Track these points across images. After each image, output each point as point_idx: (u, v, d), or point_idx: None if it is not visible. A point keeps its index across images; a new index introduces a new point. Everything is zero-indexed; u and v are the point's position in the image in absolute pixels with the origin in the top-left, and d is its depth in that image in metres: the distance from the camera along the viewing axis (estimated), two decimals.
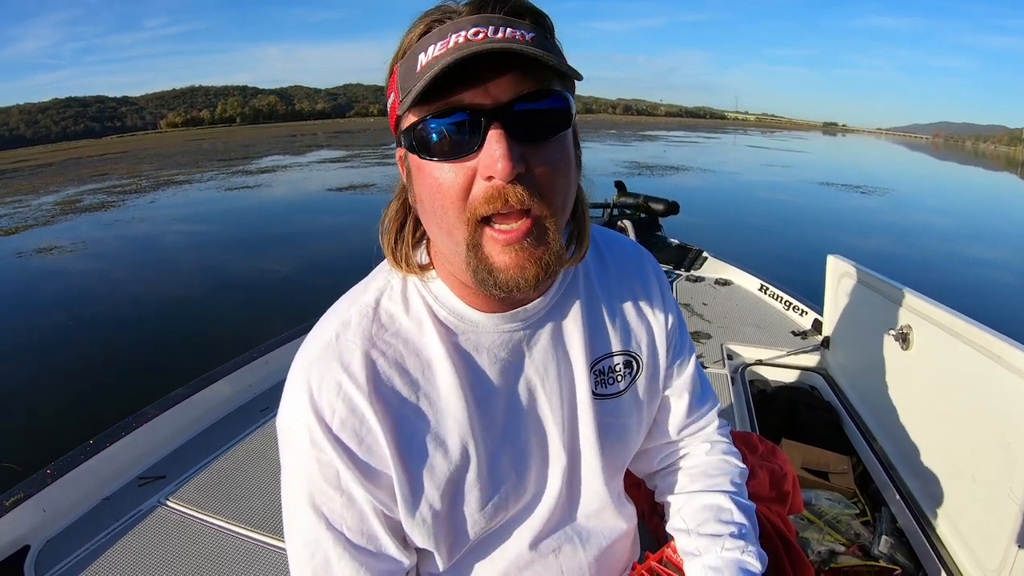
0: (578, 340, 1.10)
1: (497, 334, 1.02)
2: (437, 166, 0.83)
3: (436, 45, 0.79)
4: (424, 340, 1.00)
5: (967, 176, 54.27)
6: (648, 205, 5.95)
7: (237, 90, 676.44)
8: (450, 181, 0.83)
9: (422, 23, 0.84)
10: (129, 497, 2.50)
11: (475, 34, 0.78)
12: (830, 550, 2.48)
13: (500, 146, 0.78)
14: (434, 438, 0.99)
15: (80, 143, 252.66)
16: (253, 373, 3.29)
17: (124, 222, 18.05)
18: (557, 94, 0.84)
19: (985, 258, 14.61)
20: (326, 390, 0.93)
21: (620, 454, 1.20)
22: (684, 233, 6.20)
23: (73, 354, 7.65)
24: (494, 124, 0.79)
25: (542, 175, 0.83)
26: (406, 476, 0.97)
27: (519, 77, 0.80)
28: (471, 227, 0.84)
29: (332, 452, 0.93)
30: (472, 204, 0.82)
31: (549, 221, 0.85)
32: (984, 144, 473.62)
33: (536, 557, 1.14)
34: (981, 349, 2.17)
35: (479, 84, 0.79)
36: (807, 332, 4.17)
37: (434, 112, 0.80)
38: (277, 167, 35.61)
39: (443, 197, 0.84)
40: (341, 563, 0.97)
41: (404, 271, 1.01)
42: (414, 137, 0.83)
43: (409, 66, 0.83)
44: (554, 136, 0.85)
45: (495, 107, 0.79)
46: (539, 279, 0.86)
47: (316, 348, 0.98)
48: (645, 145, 58.97)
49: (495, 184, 0.80)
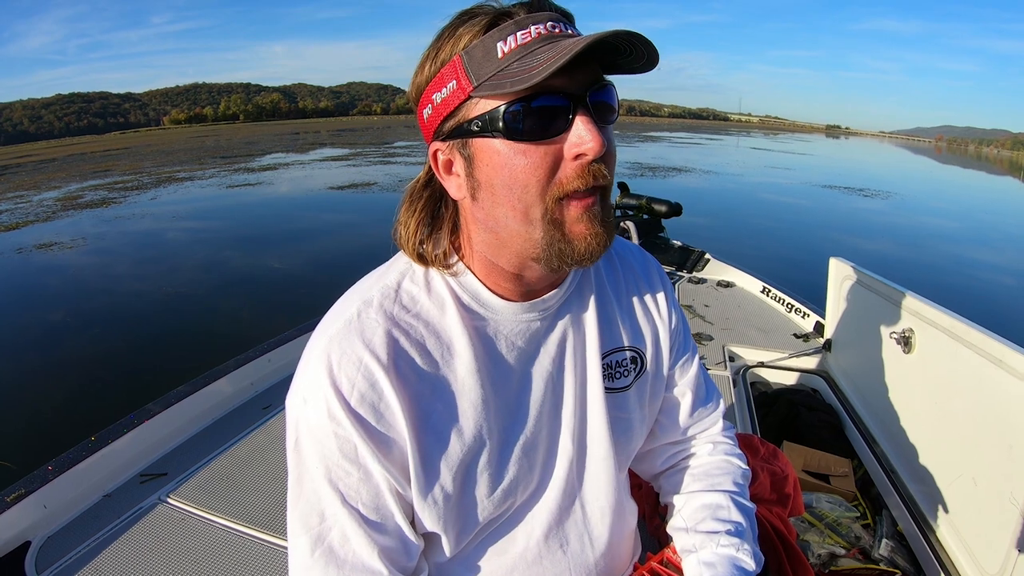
0: (591, 332, 1.13)
1: (516, 322, 1.05)
2: (522, 148, 0.87)
3: (516, 35, 0.84)
4: (445, 322, 1.02)
5: (970, 180, 54.25)
6: (651, 206, 5.95)
7: (241, 87, 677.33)
8: (537, 161, 0.87)
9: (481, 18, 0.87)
10: (130, 494, 2.50)
11: (552, 27, 0.85)
12: (831, 553, 2.48)
13: (592, 127, 0.85)
14: (450, 419, 1.00)
15: (83, 139, 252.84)
16: (255, 371, 3.30)
17: (125, 218, 18.03)
18: (613, 86, 0.92)
19: (988, 261, 14.63)
20: (347, 365, 0.94)
21: (627, 448, 1.22)
22: (687, 234, 6.21)
23: (73, 351, 7.65)
24: (582, 107, 0.86)
25: (608, 155, 0.90)
26: (420, 455, 0.97)
27: (592, 68, 0.89)
28: (552, 203, 0.88)
29: (351, 426, 0.93)
30: (560, 182, 0.88)
31: (607, 193, 0.93)
32: (987, 148, 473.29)
33: (545, 551, 1.15)
34: (983, 353, 2.17)
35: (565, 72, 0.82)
36: (809, 334, 4.18)
37: (522, 96, 0.84)
38: (279, 164, 35.57)
39: (527, 177, 0.87)
40: (358, 539, 0.97)
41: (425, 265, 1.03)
42: (501, 120, 0.86)
43: (484, 54, 0.85)
44: (612, 122, 0.93)
45: (580, 92, 0.86)
46: (606, 244, 0.93)
47: (337, 324, 0.98)
48: (648, 146, 58.94)
49: (584, 161, 0.87)
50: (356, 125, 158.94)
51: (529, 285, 1.03)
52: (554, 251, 0.91)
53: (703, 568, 1.13)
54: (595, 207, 0.89)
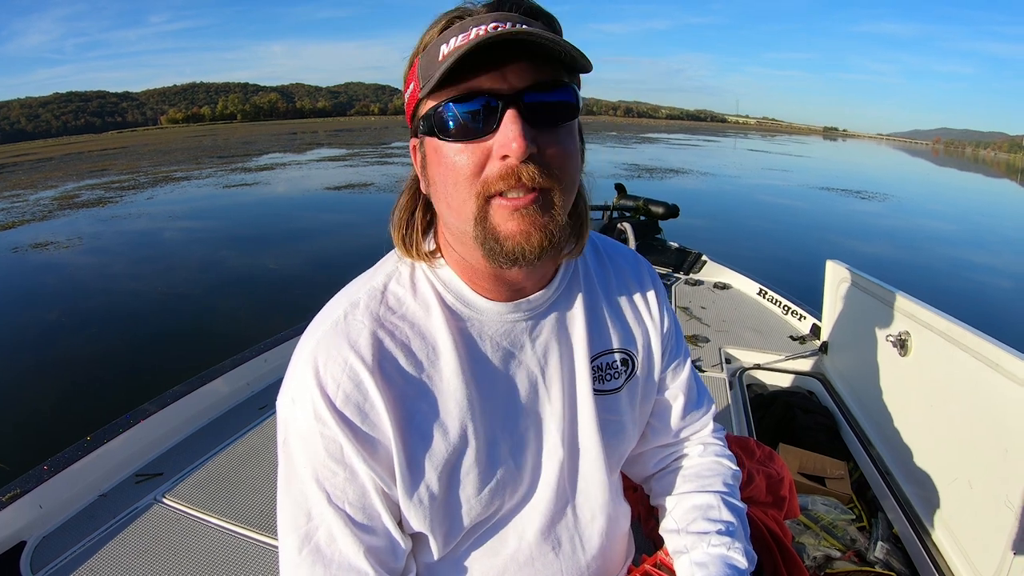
0: (580, 334, 1.12)
1: (501, 323, 1.05)
2: (454, 146, 0.88)
3: (458, 37, 0.84)
4: (430, 324, 1.03)
5: (967, 182, 54.34)
6: (648, 208, 5.95)
7: (238, 87, 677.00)
8: (465, 160, 0.87)
9: (442, 20, 0.90)
10: (126, 494, 2.50)
11: (495, 28, 0.82)
12: (826, 555, 2.48)
13: (515, 127, 0.83)
14: (435, 419, 1.01)
15: (80, 138, 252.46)
16: (251, 371, 3.30)
17: (121, 218, 18.02)
18: (566, 85, 0.90)
19: (985, 264, 14.67)
20: (332, 366, 0.95)
21: (618, 450, 1.22)
22: (684, 236, 6.22)
23: (69, 350, 7.65)
24: (510, 108, 0.84)
25: (551, 157, 0.88)
26: (406, 454, 0.98)
27: (533, 67, 0.86)
28: (480, 201, 0.88)
29: (336, 427, 0.94)
30: (485, 181, 0.87)
31: (556, 195, 0.90)
32: (984, 151, 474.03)
33: (537, 553, 1.15)
34: (979, 356, 2.18)
35: (497, 71, 0.84)
36: (805, 337, 4.18)
37: (454, 96, 0.86)
38: (276, 164, 35.54)
39: (456, 175, 0.88)
40: (344, 538, 0.98)
41: (413, 258, 1.05)
42: (434, 120, 0.89)
43: (431, 57, 0.87)
44: (563, 124, 0.90)
45: (511, 92, 0.85)
46: (543, 247, 0.90)
47: (324, 326, 1.00)
48: (645, 147, 58.99)
49: (509, 163, 0.85)
50: (354, 125, 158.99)
51: (512, 285, 1.03)
52: (487, 249, 0.90)
53: (695, 568, 1.13)
54: (530, 208, 0.88)
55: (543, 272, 1.06)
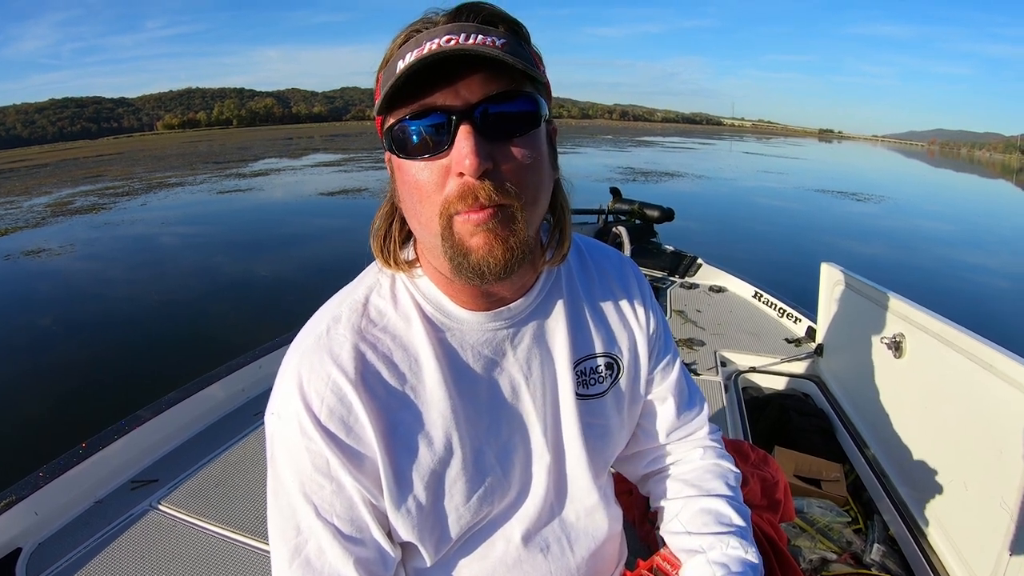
0: (561, 340, 1.12)
1: (481, 332, 1.05)
2: (414, 164, 0.88)
3: (412, 52, 0.83)
4: (411, 335, 1.03)
5: (962, 183, 54.46)
6: (643, 211, 5.97)
7: (234, 92, 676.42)
8: (425, 178, 0.87)
9: (403, 33, 0.89)
10: (121, 500, 2.49)
11: (447, 41, 0.81)
12: (822, 558, 2.48)
13: (468, 143, 0.82)
14: (419, 430, 1.01)
15: (76, 144, 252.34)
16: (246, 377, 3.30)
17: (114, 224, 18.04)
18: (526, 95, 0.88)
19: (980, 264, 14.70)
20: (316, 381, 0.96)
21: (603, 454, 1.22)
22: (679, 239, 6.23)
23: (64, 356, 7.65)
24: (464, 123, 0.83)
25: (510, 171, 0.87)
26: (391, 466, 0.99)
27: (488, 79, 0.85)
28: (444, 219, 0.87)
29: (321, 441, 0.95)
30: (446, 200, 0.86)
31: (517, 211, 0.88)
32: (979, 151, 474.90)
33: (525, 555, 1.15)
34: (973, 357, 2.18)
35: (450, 86, 0.83)
36: (801, 339, 4.19)
37: (409, 114, 0.85)
38: (271, 170, 35.50)
39: (420, 193, 0.88)
40: (333, 550, 0.99)
41: (392, 268, 1.05)
42: (392, 138, 0.89)
43: (389, 73, 0.86)
44: (522, 135, 0.89)
45: (464, 107, 0.84)
46: (507, 262, 0.89)
47: (307, 342, 1.01)
48: (641, 151, 59.05)
49: (466, 181, 0.84)
50: (349, 130, 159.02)
51: (491, 294, 1.03)
52: (455, 263, 0.90)
53: (716, 568, 1.13)
54: (490, 221, 0.86)
55: (523, 281, 1.06)
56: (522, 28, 0.93)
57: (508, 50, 0.84)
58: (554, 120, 0.99)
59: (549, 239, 1.06)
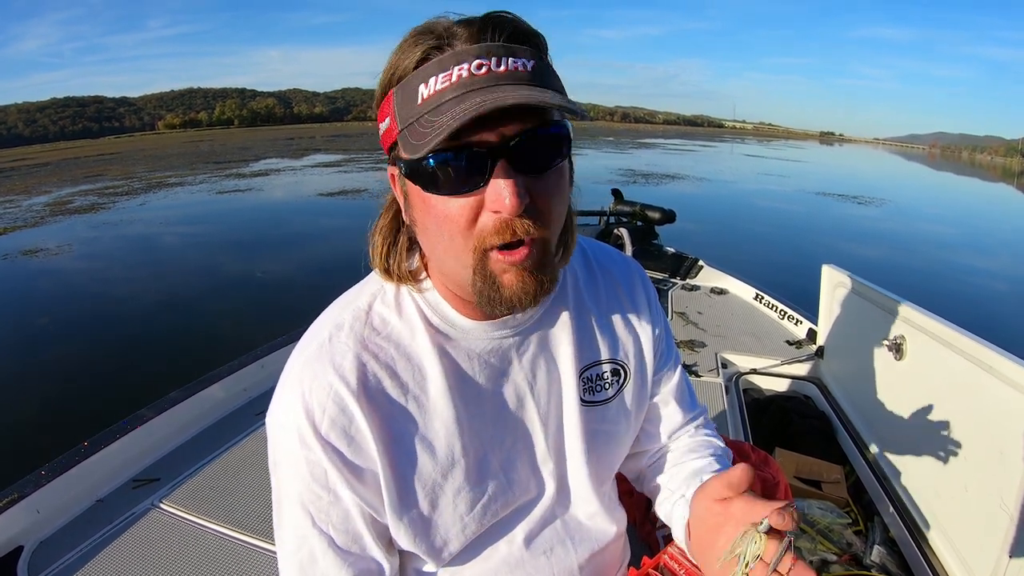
0: (567, 348, 1.12)
1: (487, 341, 1.05)
2: (443, 199, 0.84)
3: (438, 77, 0.80)
4: (415, 344, 1.02)
5: (963, 186, 54.50)
6: (645, 213, 5.97)
7: (235, 92, 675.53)
8: (456, 213, 0.84)
9: (418, 48, 0.83)
10: (123, 499, 2.50)
11: (478, 67, 0.79)
12: (822, 559, 2.48)
13: (508, 183, 0.80)
14: (422, 440, 1.01)
15: (77, 143, 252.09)
16: (248, 377, 3.30)
17: (114, 224, 18.05)
18: (557, 124, 0.85)
19: (981, 267, 14.70)
20: (317, 391, 0.95)
21: (608, 459, 1.22)
22: (680, 241, 6.22)
23: (65, 355, 7.65)
24: (501, 160, 0.81)
25: (544, 204, 0.86)
26: (393, 476, 0.99)
27: (523, 112, 0.81)
28: (477, 255, 0.86)
29: (321, 452, 0.95)
30: (480, 234, 0.84)
31: (549, 244, 0.89)
32: (980, 155, 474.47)
33: (528, 557, 1.15)
34: (974, 360, 2.18)
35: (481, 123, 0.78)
36: (802, 341, 4.19)
37: (439, 148, 0.79)
38: (272, 170, 35.40)
39: (451, 227, 0.85)
40: (326, 559, 0.99)
41: (396, 282, 1.04)
42: (419, 171, 0.84)
43: (408, 95, 0.83)
44: (555, 165, 0.87)
45: (501, 142, 0.80)
46: (537, 295, 0.89)
47: (309, 350, 1.00)
48: (642, 153, 58.99)
49: (503, 217, 0.82)
50: (351, 131, 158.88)
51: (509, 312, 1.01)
52: (484, 297, 0.89)
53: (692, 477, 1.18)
54: (526, 261, 0.85)
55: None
56: (543, 42, 0.90)
57: (537, 73, 0.82)
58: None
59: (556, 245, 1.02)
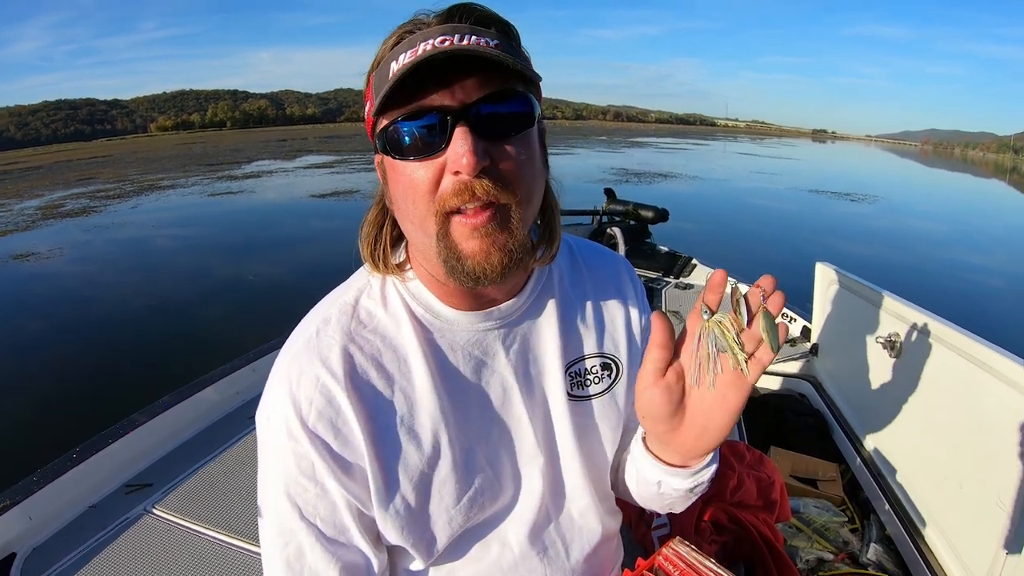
0: (553, 341, 1.11)
1: (472, 332, 1.05)
2: (408, 165, 0.87)
3: (406, 53, 0.82)
4: (401, 336, 1.02)
5: (956, 182, 54.72)
6: (637, 212, 5.97)
7: (228, 94, 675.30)
8: (420, 177, 0.87)
9: (394, 35, 0.89)
10: (116, 505, 2.48)
11: (442, 41, 0.81)
12: (818, 558, 2.48)
13: (465, 142, 0.82)
14: (408, 431, 1.01)
15: (70, 146, 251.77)
16: (240, 380, 3.29)
17: (105, 227, 18.11)
18: (520, 95, 0.89)
19: (975, 264, 14.76)
20: (305, 383, 0.96)
21: (600, 455, 1.20)
22: (674, 240, 6.23)
23: (56, 361, 7.66)
24: (460, 123, 0.83)
25: (506, 169, 0.87)
26: (380, 468, 0.98)
27: (483, 79, 0.85)
28: (439, 219, 0.87)
29: (308, 444, 0.95)
30: (441, 197, 0.86)
31: (513, 210, 0.89)
32: (973, 151, 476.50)
33: (521, 558, 1.14)
34: (969, 357, 2.18)
35: (446, 87, 0.83)
36: (796, 339, 4.18)
37: (404, 114, 0.85)
38: (264, 172, 35.54)
39: (414, 193, 0.88)
40: (314, 553, 0.99)
41: (382, 272, 1.05)
42: (387, 139, 0.88)
43: (382, 75, 0.86)
44: (517, 134, 0.89)
45: (460, 107, 0.84)
46: (504, 266, 0.89)
47: (297, 345, 1.01)
48: (635, 151, 59.13)
49: (462, 178, 0.84)
50: (343, 132, 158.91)
51: (482, 295, 1.03)
52: (449, 266, 0.90)
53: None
54: (488, 224, 0.87)
55: (514, 281, 1.05)
56: (512, 29, 0.93)
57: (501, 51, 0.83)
58: (545, 120, 0.98)
59: (539, 239, 1.05)
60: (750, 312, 0.86)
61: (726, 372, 0.87)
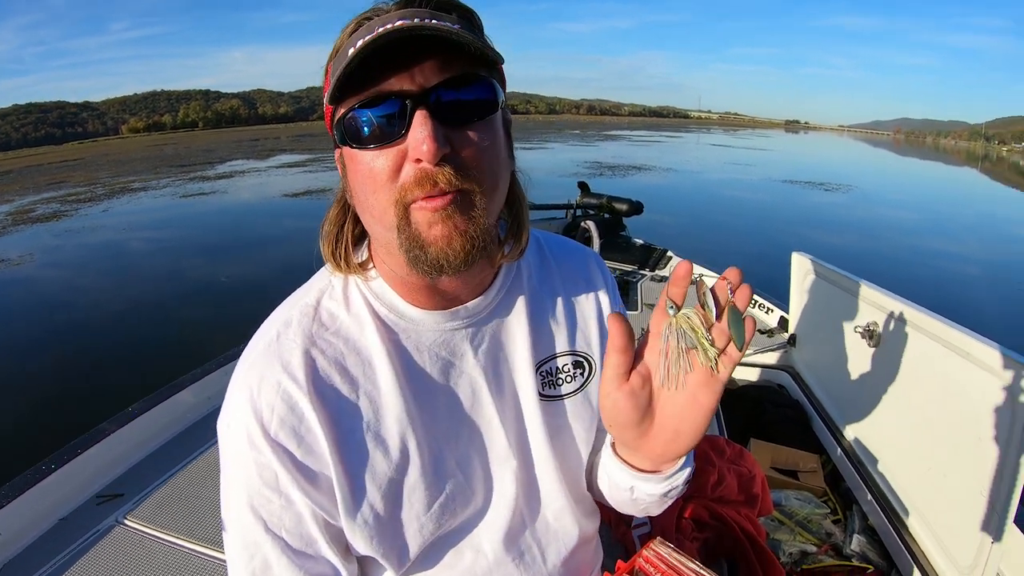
0: (523, 340, 1.09)
1: (438, 332, 1.02)
2: (367, 153, 0.84)
3: (364, 39, 0.78)
4: (364, 338, 0.99)
5: (928, 171, 55.36)
6: (612, 205, 5.98)
7: (200, 94, 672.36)
8: (380, 166, 0.83)
9: (353, 23, 0.86)
10: (87, 516, 2.43)
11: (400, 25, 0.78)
12: (802, 551, 2.47)
13: (425, 127, 0.79)
14: (374, 436, 0.97)
15: (40, 150, 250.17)
16: (212, 384, 3.23)
17: (76, 231, 17.98)
18: (483, 79, 0.86)
19: (949, 251, 14.93)
20: (266, 390, 0.92)
21: (574, 456, 1.18)
22: (649, 232, 6.25)
23: (23, 369, 7.59)
24: (420, 108, 0.80)
25: (468, 156, 0.84)
26: (346, 475, 0.95)
27: (444, 63, 0.82)
28: (399, 209, 0.84)
29: (271, 454, 0.91)
30: (402, 186, 0.83)
31: (477, 196, 0.85)
32: (945, 140, 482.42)
33: (495, 565, 1.12)
34: (947, 344, 2.18)
35: (405, 70, 0.80)
36: (773, 330, 4.19)
37: (361, 101, 0.82)
38: (236, 172, 35.46)
39: (373, 183, 0.85)
40: (280, 566, 0.96)
41: (344, 271, 1.01)
42: (344, 127, 0.85)
43: (339, 61, 0.82)
44: (480, 119, 0.86)
45: (420, 91, 0.81)
46: (466, 252, 0.86)
47: (258, 348, 0.97)
48: (608, 145, 59.38)
49: (423, 167, 0.81)
50: (316, 130, 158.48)
51: (446, 293, 1.00)
52: (411, 257, 0.86)
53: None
54: (449, 209, 0.83)
55: (480, 278, 1.02)
56: (475, 16, 0.91)
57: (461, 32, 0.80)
58: (518, 115, 0.94)
59: (507, 234, 1.02)
60: (718, 305, 0.83)
61: (696, 370, 0.84)
